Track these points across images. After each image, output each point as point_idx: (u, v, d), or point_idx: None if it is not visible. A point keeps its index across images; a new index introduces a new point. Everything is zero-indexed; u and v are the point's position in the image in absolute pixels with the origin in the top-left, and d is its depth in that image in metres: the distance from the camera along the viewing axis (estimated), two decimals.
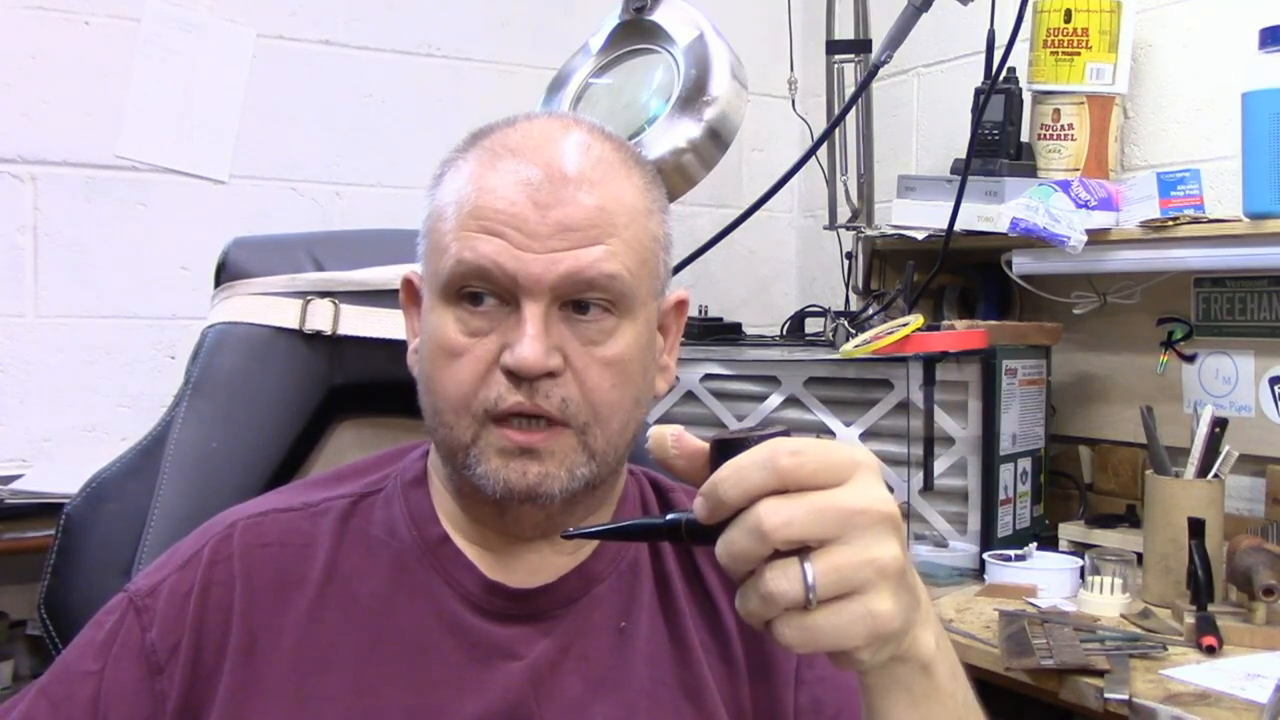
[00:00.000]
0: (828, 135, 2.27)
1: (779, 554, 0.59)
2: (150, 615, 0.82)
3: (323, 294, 1.11)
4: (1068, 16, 1.99)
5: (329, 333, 1.10)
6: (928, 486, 1.88)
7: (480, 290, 0.80)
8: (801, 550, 0.59)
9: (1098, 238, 1.87)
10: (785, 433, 0.62)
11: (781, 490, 0.59)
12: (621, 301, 0.81)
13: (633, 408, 0.83)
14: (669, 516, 0.66)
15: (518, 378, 0.78)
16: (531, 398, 0.78)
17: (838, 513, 0.59)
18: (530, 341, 0.77)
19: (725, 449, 0.62)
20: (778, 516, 0.58)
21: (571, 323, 0.80)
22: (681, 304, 0.91)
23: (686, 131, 1.83)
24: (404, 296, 0.90)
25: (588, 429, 0.80)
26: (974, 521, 1.87)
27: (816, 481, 0.59)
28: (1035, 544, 1.87)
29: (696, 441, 0.66)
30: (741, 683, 0.87)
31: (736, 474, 0.60)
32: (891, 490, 1.79)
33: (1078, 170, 2.01)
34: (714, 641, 0.88)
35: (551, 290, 0.79)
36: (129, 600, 0.84)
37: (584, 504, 0.85)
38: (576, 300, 0.80)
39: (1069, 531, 1.94)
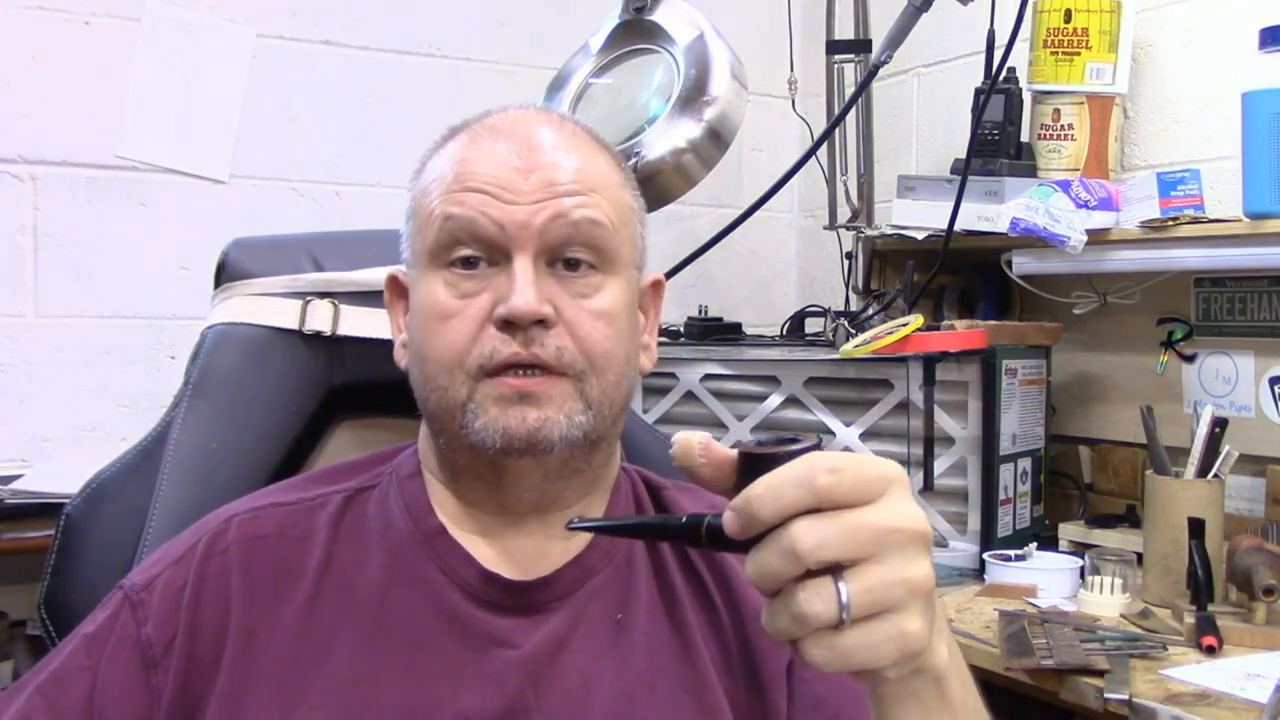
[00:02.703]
0: (828, 135, 2.27)
1: (811, 572, 0.58)
2: (145, 610, 0.82)
3: (322, 294, 1.11)
4: (1068, 16, 1.99)
5: (328, 333, 1.10)
6: (928, 486, 1.88)
7: (470, 253, 0.82)
8: (834, 569, 0.58)
9: (1098, 238, 1.87)
10: (818, 445, 0.61)
11: (816, 508, 0.58)
12: (606, 254, 0.83)
13: (625, 363, 0.85)
14: (687, 517, 0.64)
15: (513, 327, 0.79)
16: (527, 346, 0.80)
17: (873, 532, 0.58)
18: (522, 288, 0.79)
19: (756, 463, 0.61)
20: (812, 538, 0.57)
21: (560, 278, 0.82)
22: (658, 284, 0.93)
23: (686, 131, 1.83)
24: (389, 295, 0.91)
25: (584, 377, 0.81)
26: (974, 521, 1.87)
27: (851, 499, 0.58)
28: (1035, 544, 1.87)
29: (725, 451, 0.65)
30: (738, 679, 0.87)
31: (771, 491, 0.58)
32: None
33: (1078, 170, 2.01)
34: (713, 635, 0.88)
35: (540, 237, 0.81)
36: (124, 595, 0.84)
37: (581, 474, 0.86)
38: (564, 259, 0.82)
39: (1069, 531, 1.94)
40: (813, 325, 2.30)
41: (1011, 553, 1.82)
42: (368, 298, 1.11)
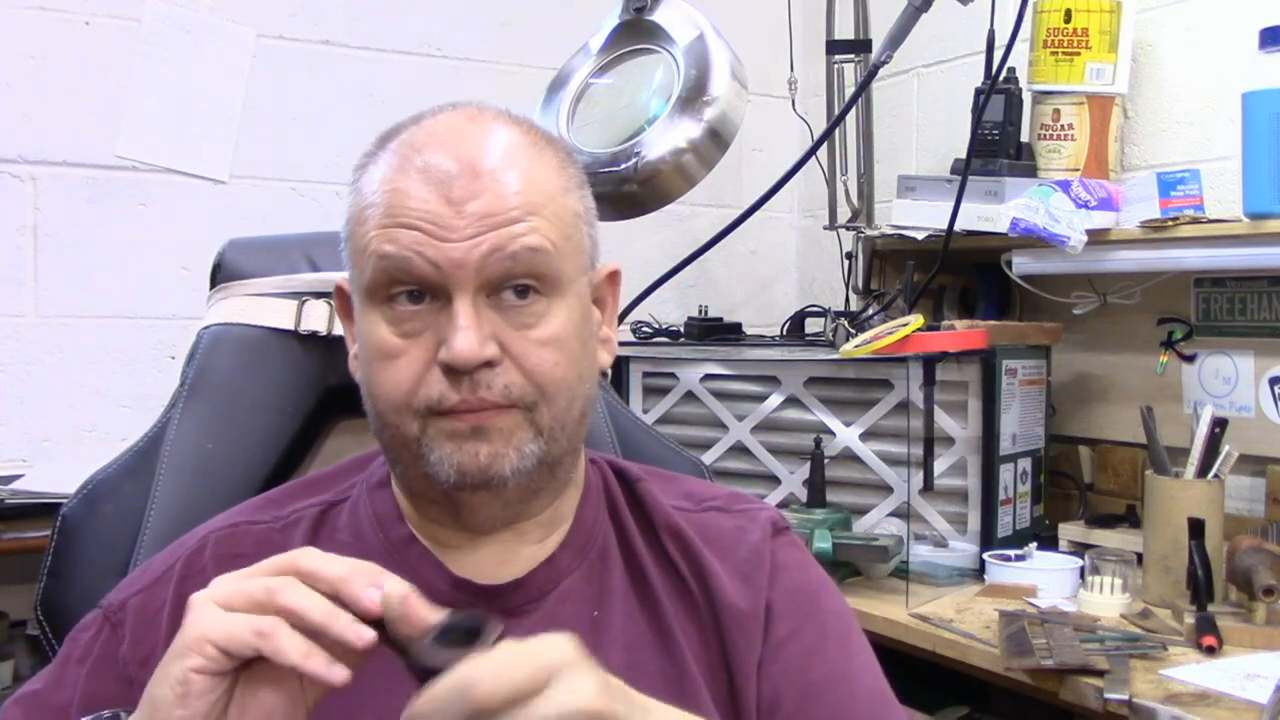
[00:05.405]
0: (828, 135, 2.27)
1: None
2: (123, 629, 0.83)
3: (318, 295, 1.11)
4: (1068, 16, 1.98)
5: (324, 333, 1.09)
6: (928, 486, 1.87)
7: (409, 288, 0.79)
8: None
9: (1098, 238, 1.87)
10: (496, 634, 0.63)
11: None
12: (549, 279, 0.81)
13: (577, 384, 0.83)
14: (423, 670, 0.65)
15: (456, 372, 0.78)
16: (474, 392, 0.78)
17: None
18: (463, 334, 0.77)
19: (424, 675, 0.63)
20: None
21: (503, 309, 0.80)
22: (614, 274, 0.91)
23: (686, 131, 1.83)
24: (338, 304, 0.90)
25: (535, 408, 0.80)
26: (974, 521, 1.87)
27: (514, 700, 0.59)
28: (1035, 544, 1.87)
29: (421, 614, 0.66)
30: (716, 670, 0.87)
31: (432, 709, 0.60)
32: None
33: (1078, 170, 2.01)
34: (691, 625, 0.87)
35: (478, 273, 0.78)
36: (104, 616, 0.84)
37: (545, 490, 0.85)
38: (509, 286, 0.80)
39: (1069, 531, 1.94)
40: (813, 325, 2.30)
41: (1011, 553, 1.82)
42: None
